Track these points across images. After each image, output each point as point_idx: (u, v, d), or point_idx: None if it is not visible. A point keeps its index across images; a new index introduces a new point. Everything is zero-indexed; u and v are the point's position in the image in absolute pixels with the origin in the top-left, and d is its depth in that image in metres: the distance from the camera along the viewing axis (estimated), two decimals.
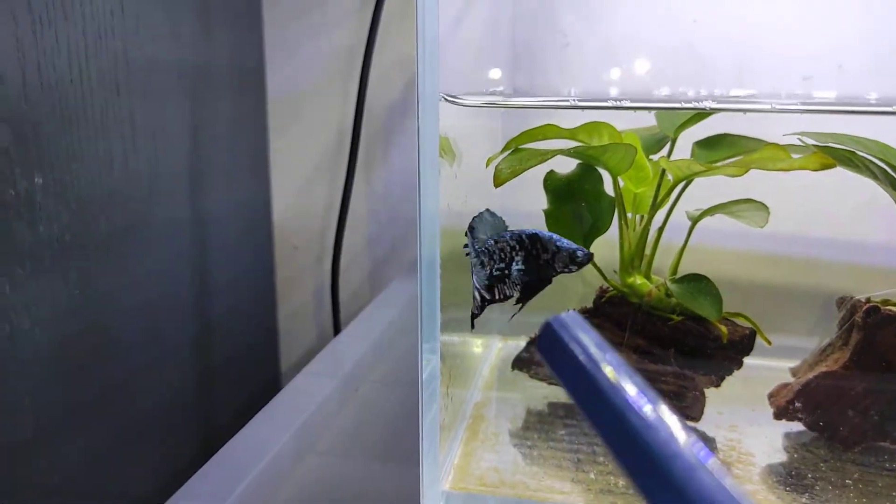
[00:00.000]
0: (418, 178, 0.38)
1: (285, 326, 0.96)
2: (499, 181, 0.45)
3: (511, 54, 0.70)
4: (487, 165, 0.49)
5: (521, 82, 0.70)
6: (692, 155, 0.53)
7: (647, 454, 0.14)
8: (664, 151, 0.55)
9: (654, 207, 0.52)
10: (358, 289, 0.97)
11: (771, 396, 0.50)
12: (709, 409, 0.54)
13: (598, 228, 0.51)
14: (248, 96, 0.80)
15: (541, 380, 0.55)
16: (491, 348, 0.66)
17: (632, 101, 0.53)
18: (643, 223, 0.53)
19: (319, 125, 0.90)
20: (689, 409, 0.51)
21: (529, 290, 0.46)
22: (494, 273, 0.46)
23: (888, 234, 0.50)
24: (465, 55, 0.63)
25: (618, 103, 0.56)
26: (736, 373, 0.51)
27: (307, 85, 0.89)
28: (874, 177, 0.48)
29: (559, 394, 0.56)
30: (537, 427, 0.52)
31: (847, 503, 0.43)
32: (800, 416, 0.48)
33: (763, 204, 0.52)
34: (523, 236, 0.45)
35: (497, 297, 0.46)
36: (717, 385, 0.54)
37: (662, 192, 0.53)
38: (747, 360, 0.52)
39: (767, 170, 0.44)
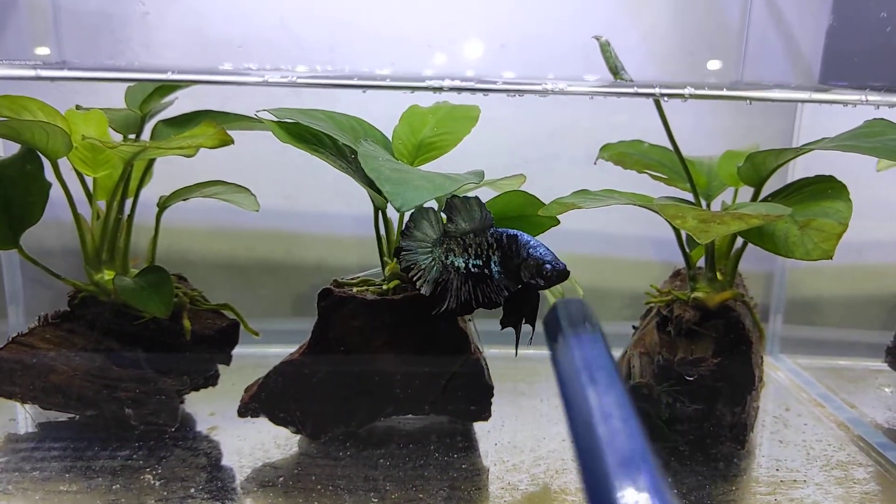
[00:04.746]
0: None
1: None
2: None
3: (83, 23, 0.61)
4: None
5: (105, 53, 0.62)
6: (153, 132, 0.47)
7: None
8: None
9: (121, 193, 0.47)
10: None
11: (246, 391, 0.47)
12: (202, 410, 0.50)
13: (27, 219, 0.44)
14: None
15: (8, 397, 0.47)
16: None
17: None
18: (108, 211, 0.47)
19: None
20: (155, 416, 0.46)
21: (517, 305, 0.40)
22: (472, 269, 0.41)
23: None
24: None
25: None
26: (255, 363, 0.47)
27: None
28: (340, 155, 0.46)
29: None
30: None
31: None
32: (263, 410, 0.45)
33: (242, 186, 0.49)
34: (504, 236, 0.40)
35: (482, 300, 0.41)
36: (205, 385, 0.50)
37: (135, 176, 0.48)
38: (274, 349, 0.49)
39: (180, 148, 0.40)
